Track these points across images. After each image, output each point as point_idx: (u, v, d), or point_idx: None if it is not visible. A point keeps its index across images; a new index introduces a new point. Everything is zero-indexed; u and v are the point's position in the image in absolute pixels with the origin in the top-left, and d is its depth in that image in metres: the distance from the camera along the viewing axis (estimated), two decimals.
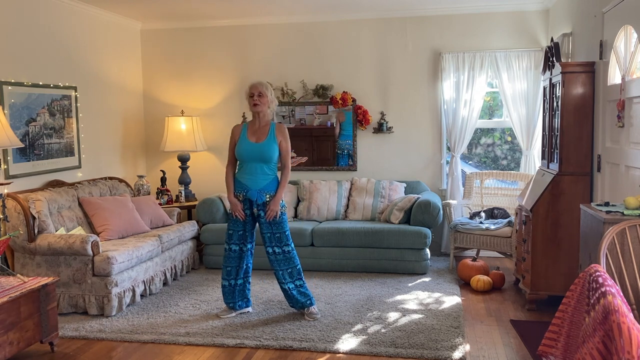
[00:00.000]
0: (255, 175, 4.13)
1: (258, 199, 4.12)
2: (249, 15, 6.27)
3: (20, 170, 4.80)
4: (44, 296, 3.59)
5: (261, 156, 4.12)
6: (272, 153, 4.14)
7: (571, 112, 4.26)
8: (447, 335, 3.84)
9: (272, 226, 4.15)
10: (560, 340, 2.59)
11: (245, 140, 4.17)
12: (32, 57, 4.99)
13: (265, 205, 4.13)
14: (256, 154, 4.12)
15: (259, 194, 4.12)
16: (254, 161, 4.13)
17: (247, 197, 4.15)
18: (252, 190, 4.12)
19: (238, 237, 4.23)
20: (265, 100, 4.16)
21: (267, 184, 4.15)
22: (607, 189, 4.01)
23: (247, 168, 4.16)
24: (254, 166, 4.14)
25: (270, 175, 4.17)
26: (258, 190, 4.12)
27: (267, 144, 4.14)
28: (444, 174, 6.25)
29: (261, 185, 4.13)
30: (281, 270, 4.21)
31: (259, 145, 4.13)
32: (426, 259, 5.36)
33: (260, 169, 4.14)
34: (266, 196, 4.13)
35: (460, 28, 6.04)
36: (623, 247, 2.78)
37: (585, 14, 4.53)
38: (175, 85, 6.69)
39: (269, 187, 4.15)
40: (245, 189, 4.15)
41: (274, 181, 4.19)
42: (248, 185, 4.14)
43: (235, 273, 4.28)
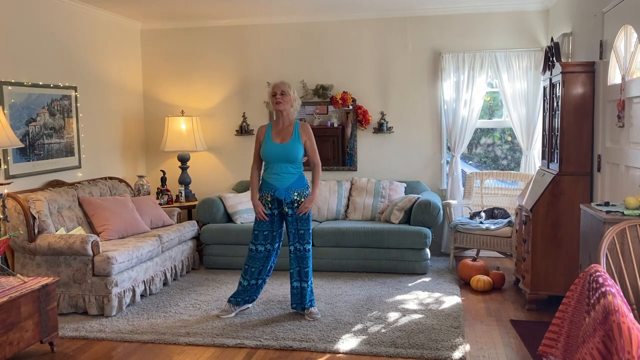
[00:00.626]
0: (281, 174, 4.15)
1: (286, 197, 4.14)
2: (249, 15, 6.27)
3: (20, 170, 4.80)
4: (44, 296, 3.59)
5: (287, 157, 4.13)
6: (297, 153, 4.16)
7: (571, 112, 4.26)
8: (447, 335, 3.84)
9: (299, 222, 4.18)
10: (560, 340, 2.59)
11: (270, 141, 4.18)
12: (32, 57, 4.99)
13: (293, 203, 4.15)
14: (282, 155, 4.13)
15: (287, 193, 4.14)
16: (280, 161, 4.15)
17: (275, 197, 4.16)
18: (279, 190, 4.14)
19: (264, 237, 4.24)
20: (288, 99, 4.17)
21: (294, 182, 4.16)
22: (607, 189, 4.01)
23: (273, 168, 4.17)
24: (280, 166, 4.15)
25: (296, 173, 4.19)
26: (285, 188, 4.14)
27: (291, 144, 4.15)
28: (444, 174, 6.25)
29: (288, 183, 4.15)
30: (299, 267, 4.23)
31: (283, 145, 4.14)
32: (426, 259, 5.36)
33: (286, 169, 4.15)
34: (294, 194, 4.14)
35: (460, 28, 6.04)
36: (623, 247, 2.78)
37: (585, 14, 4.53)
38: (175, 85, 6.69)
39: (296, 185, 4.16)
40: (272, 188, 4.16)
41: (300, 179, 4.20)
42: (275, 185, 4.15)
43: (258, 273, 4.29)
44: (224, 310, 4.34)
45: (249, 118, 6.54)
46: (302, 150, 4.20)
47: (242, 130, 6.52)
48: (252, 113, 6.54)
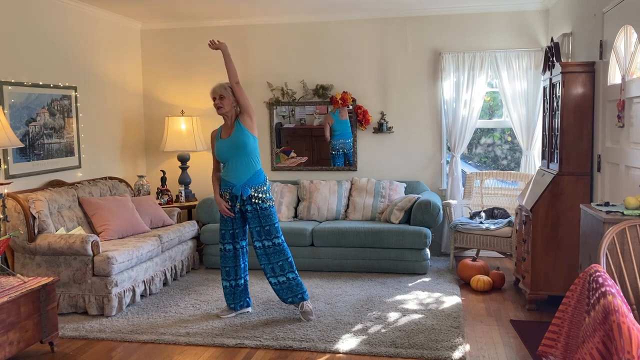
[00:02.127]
0: (237, 170, 4.15)
1: (243, 192, 4.12)
2: (249, 15, 6.27)
3: (20, 170, 4.80)
4: (44, 296, 3.59)
5: (235, 146, 4.12)
6: (244, 139, 4.13)
7: (571, 112, 4.26)
8: (447, 335, 3.84)
9: (262, 219, 4.16)
10: (560, 340, 2.59)
11: (219, 140, 4.23)
12: (32, 57, 4.99)
13: (251, 199, 4.14)
14: (231, 147, 4.14)
15: (243, 188, 4.13)
16: (233, 157, 4.15)
17: (233, 194, 4.16)
18: (236, 186, 4.14)
19: (230, 235, 4.25)
20: (228, 102, 4.16)
21: (250, 178, 4.15)
22: (607, 189, 4.01)
23: (228, 166, 4.19)
24: (235, 162, 4.15)
25: (252, 169, 4.17)
26: (242, 184, 4.13)
27: (235, 133, 4.15)
28: (444, 174, 6.25)
29: (244, 179, 4.14)
30: (270, 264, 4.20)
31: (230, 138, 4.16)
32: (426, 259, 5.36)
33: (241, 164, 4.14)
34: (250, 189, 4.13)
35: (460, 28, 6.04)
36: (623, 247, 2.78)
37: (585, 14, 4.53)
38: (175, 85, 6.69)
39: (252, 181, 4.15)
40: (229, 186, 4.16)
41: (256, 175, 4.18)
42: (232, 181, 4.15)
43: (235, 273, 4.28)
44: (224, 310, 4.34)
45: None
46: (248, 136, 4.14)
47: None
48: None
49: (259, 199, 4.15)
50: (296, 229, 5.48)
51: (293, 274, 4.23)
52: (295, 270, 4.25)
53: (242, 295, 4.34)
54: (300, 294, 4.23)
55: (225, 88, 4.18)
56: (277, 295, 4.31)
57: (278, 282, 4.22)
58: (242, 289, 4.33)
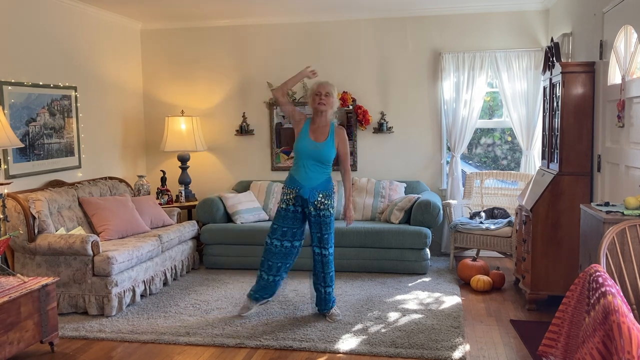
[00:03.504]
0: (310, 173, 4.09)
1: (310, 197, 4.07)
2: (249, 15, 6.27)
3: (20, 170, 4.80)
4: (44, 296, 3.59)
5: (319, 156, 4.08)
6: (329, 155, 4.11)
7: (571, 112, 4.26)
8: (447, 335, 3.84)
9: (322, 226, 4.11)
10: (560, 340, 2.59)
11: (306, 136, 4.13)
12: (32, 57, 4.99)
13: (317, 204, 4.07)
14: (314, 153, 4.08)
15: (312, 193, 4.07)
16: (310, 159, 4.09)
17: (299, 195, 4.09)
18: (305, 188, 4.07)
19: (282, 233, 4.16)
20: (331, 101, 4.15)
21: (321, 182, 4.10)
22: (607, 189, 4.01)
23: (302, 164, 4.11)
24: (310, 163, 4.09)
25: (324, 174, 4.13)
26: (311, 188, 4.07)
27: (325, 145, 4.09)
28: (444, 174, 6.25)
29: (315, 183, 4.08)
30: (323, 273, 4.18)
31: (317, 144, 4.09)
32: (426, 259, 5.36)
33: (315, 167, 4.10)
34: (319, 195, 4.08)
35: (460, 28, 6.05)
36: (623, 247, 2.78)
37: (585, 14, 4.54)
38: (175, 85, 6.69)
39: (322, 187, 4.10)
40: (298, 185, 4.09)
41: (327, 181, 4.14)
42: (301, 182, 4.09)
43: (277, 269, 4.22)
44: (244, 307, 4.30)
45: (249, 118, 6.54)
46: (333, 153, 4.13)
47: (242, 130, 6.52)
48: (252, 113, 6.54)
49: (324, 206, 4.10)
50: None
51: (331, 288, 4.22)
52: (333, 284, 4.24)
53: (274, 288, 4.31)
54: (331, 302, 4.24)
55: (334, 88, 4.20)
56: (319, 305, 4.26)
57: (324, 292, 4.20)
58: (276, 283, 4.30)
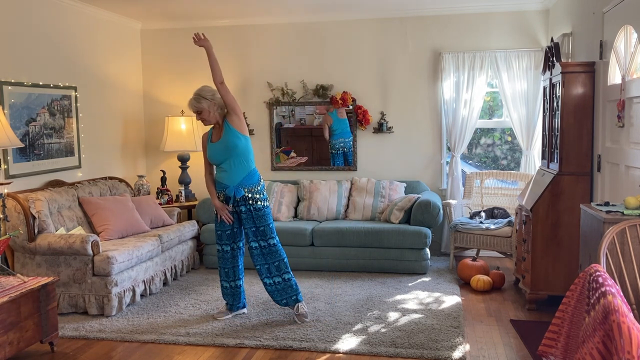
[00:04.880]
0: (230, 172, 4.11)
1: (236, 193, 4.09)
2: (249, 15, 6.27)
3: (20, 170, 4.80)
4: (44, 296, 3.59)
5: (226, 149, 4.07)
6: (233, 141, 4.07)
7: (571, 112, 4.26)
8: (447, 335, 3.84)
9: (256, 220, 4.12)
10: (560, 340, 2.59)
11: (210, 143, 4.18)
12: (32, 57, 4.99)
13: (244, 199, 4.10)
14: (222, 150, 4.09)
15: (237, 189, 4.09)
16: (225, 159, 4.10)
17: (226, 195, 4.13)
18: (229, 187, 4.11)
19: (227, 236, 4.21)
20: (206, 112, 4.09)
21: (244, 178, 4.11)
22: (607, 188, 4.01)
23: (222, 167, 4.15)
24: (227, 164, 4.11)
25: (245, 169, 4.13)
26: (235, 185, 4.10)
27: (225, 136, 4.09)
28: (444, 174, 6.25)
29: (238, 180, 4.10)
30: (267, 264, 4.17)
31: (220, 141, 4.11)
32: (426, 259, 5.36)
33: (234, 165, 4.10)
34: (244, 190, 4.10)
35: (460, 28, 6.04)
36: (623, 247, 2.78)
37: (585, 14, 4.54)
38: (175, 85, 6.69)
39: (246, 182, 4.11)
40: (223, 187, 4.14)
41: (250, 175, 4.14)
42: (225, 183, 4.12)
43: (233, 274, 4.26)
44: (221, 312, 4.33)
45: (249, 118, 6.54)
46: (239, 137, 4.08)
47: None
48: (252, 113, 6.54)
49: (253, 200, 4.12)
50: (296, 229, 5.48)
51: (288, 275, 4.21)
52: (290, 271, 4.23)
53: (241, 296, 4.34)
54: (294, 295, 4.21)
55: (200, 100, 4.07)
56: (271, 297, 4.27)
57: (273, 283, 4.19)
58: (241, 290, 4.33)
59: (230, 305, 4.32)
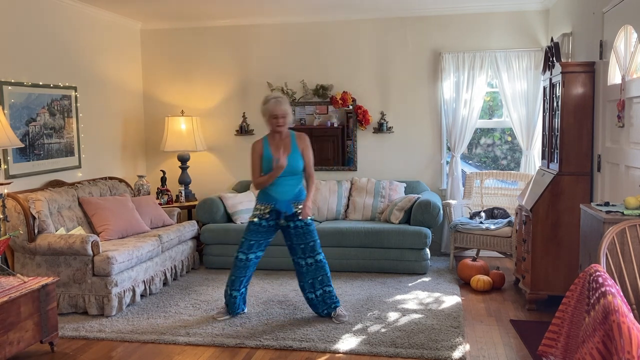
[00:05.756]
0: (283, 187, 4.07)
1: (287, 210, 4.06)
2: (249, 15, 6.27)
3: (20, 170, 4.80)
4: (44, 296, 3.59)
5: (288, 169, 4.05)
6: (297, 165, 4.09)
7: (571, 112, 4.26)
8: (447, 335, 3.84)
9: (306, 236, 4.11)
10: (560, 340, 2.59)
11: (269, 155, 4.10)
12: (32, 57, 4.99)
13: (295, 216, 4.08)
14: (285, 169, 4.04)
15: (288, 206, 4.06)
16: (283, 175, 4.06)
17: (274, 209, 4.08)
18: (280, 202, 4.06)
19: (248, 246, 4.15)
20: (288, 120, 4.12)
21: (295, 194, 4.10)
22: (607, 189, 4.01)
23: (274, 181, 4.09)
24: (282, 179, 4.07)
25: (297, 185, 4.13)
26: (286, 201, 4.06)
27: (292, 157, 4.07)
28: (444, 174, 6.25)
29: (289, 196, 4.07)
30: (311, 280, 4.16)
31: (289, 156, 4.06)
32: (426, 259, 5.36)
33: (287, 181, 4.08)
34: (294, 207, 4.08)
35: (460, 28, 6.04)
36: (623, 247, 2.78)
37: (585, 14, 4.54)
38: (175, 85, 6.69)
39: (297, 198, 4.11)
40: (273, 200, 4.08)
41: (300, 191, 4.15)
42: (276, 197, 4.07)
43: (240, 283, 4.24)
44: (220, 313, 4.32)
45: (249, 118, 6.54)
46: (302, 161, 4.12)
47: (242, 130, 6.52)
48: (252, 113, 6.54)
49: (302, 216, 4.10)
50: None
51: (330, 287, 4.20)
52: (331, 283, 4.22)
53: (243, 300, 4.34)
54: (333, 304, 4.21)
55: (287, 103, 4.14)
56: (312, 309, 4.25)
57: (315, 297, 4.19)
58: (244, 296, 4.33)
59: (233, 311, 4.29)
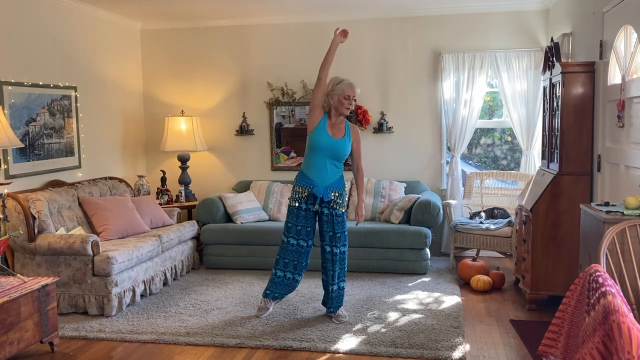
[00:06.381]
0: (324, 171, 4.04)
1: (325, 195, 4.03)
2: (249, 15, 6.27)
3: (20, 170, 4.80)
4: (44, 296, 3.59)
5: (336, 153, 4.04)
6: (346, 151, 4.09)
7: (571, 112, 4.26)
8: (447, 335, 3.84)
9: (336, 225, 4.10)
10: (560, 340, 2.59)
11: (325, 132, 4.06)
12: (32, 57, 4.99)
13: (330, 203, 4.05)
14: (332, 150, 4.03)
15: (326, 191, 4.03)
16: (327, 156, 4.04)
17: (312, 193, 4.05)
18: (318, 187, 4.03)
19: (296, 231, 4.13)
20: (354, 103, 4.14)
21: (335, 181, 4.08)
22: (607, 189, 4.01)
23: (317, 162, 4.05)
24: (324, 161, 4.04)
25: (338, 172, 4.11)
26: (325, 187, 4.04)
27: (343, 142, 4.07)
28: (444, 174, 6.25)
29: (329, 182, 4.05)
30: (335, 270, 4.16)
31: (336, 140, 4.05)
32: (426, 259, 5.36)
33: (330, 165, 4.06)
34: (332, 194, 4.05)
35: (460, 28, 6.04)
36: (623, 247, 2.78)
37: (585, 14, 4.54)
38: (175, 85, 6.69)
39: (336, 185, 4.08)
40: (312, 184, 4.04)
41: (340, 179, 4.12)
42: (315, 180, 4.04)
43: (294, 267, 4.18)
44: (261, 309, 4.26)
45: (249, 118, 6.54)
46: (349, 151, 4.12)
47: (242, 130, 6.52)
48: (252, 113, 6.55)
49: (337, 205, 4.09)
50: None
51: (344, 283, 4.22)
52: (345, 280, 4.23)
53: (291, 286, 4.26)
54: (340, 303, 4.22)
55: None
56: (328, 305, 4.22)
57: (338, 289, 4.19)
58: (294, 281, 4.24)
59: (275, 295, 4.24)
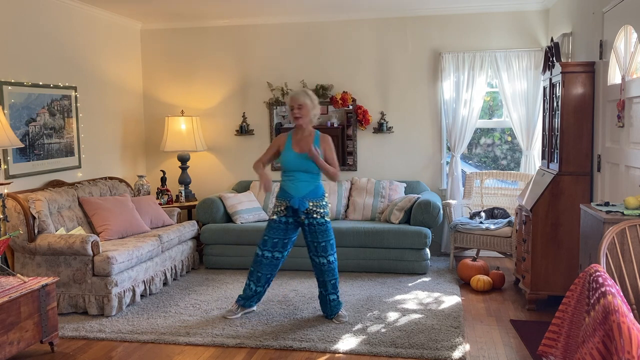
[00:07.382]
0: (298, 182, 4.08)
1: (300, 206, 4.06)
2: (249, 15, 6.27)
3: (20, 170, 4.80)
4: (44, 296, 3.59)
5: (305, 166, 4.07)
6: (308, 164, 4.08)
7: (571, 112, 4.26)
8: (447, 335, 3.84)
9: (319, 235, 4.10)
10: (560, 340, 2.59)
11: (290, 150, 4.12)
12: (32, 57, 4.99)
13: (308, 212, 4.07)
14: (300, 164, 4.07)
15: (301, 202, 4.06)
16: (296, 170, 4.09)
17: (289, 206, 4.09)
18: (294, 198, 4.06)
19: (272, 244, 4.16)
20: (306, 111, 4.11)
21: (310, 191, 4.10)
22: (607, 189, 4.01)
23: (291, 176, 4.11)
24: (298, 175, 4.09)
25: (313, 182, 4.12)
26: (300, 197, 4.06)
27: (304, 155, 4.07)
28: (444, 174, 6.25)
29: (304, 192, 4.08)
30: (327, 280, 4.15)
31: (303, 155, 4.08)
32: (426, 259, 5.36)
33: (303, 177, 4.09)
34: (308, 203, 4.07)
35: (460, 28, 6.04)
36: (623, 247, 2.78)
37: (585, 14, 4.54)
38: (175, 85, 6.69)
39: (312, 195, 4.10)
40: (288, 197, 4.09)
41: (316, 189, 4.13)
42: (291, 193, 4.09)
43: (265, 281, 4.24)
44: (230, 311, 4.31)
45: (249, 118, 6.54)
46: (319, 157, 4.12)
47: (242, 130, 6.52)
48: (252, 113, 6.55)
49: (316, 213, 4.09)
50: None
51: (335, 295, 4.19)
52: (338, 290, 4.22)
53: (260, 297, 4.33)
54: (337, 309, 4.20)
55: (306, 96, 4.13)
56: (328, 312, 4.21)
57: (336, 299, 4.18)
58: (262, 294, 4.32)
59: (245, 305, 4.29)
